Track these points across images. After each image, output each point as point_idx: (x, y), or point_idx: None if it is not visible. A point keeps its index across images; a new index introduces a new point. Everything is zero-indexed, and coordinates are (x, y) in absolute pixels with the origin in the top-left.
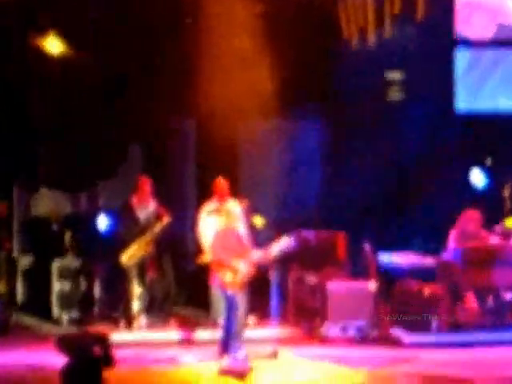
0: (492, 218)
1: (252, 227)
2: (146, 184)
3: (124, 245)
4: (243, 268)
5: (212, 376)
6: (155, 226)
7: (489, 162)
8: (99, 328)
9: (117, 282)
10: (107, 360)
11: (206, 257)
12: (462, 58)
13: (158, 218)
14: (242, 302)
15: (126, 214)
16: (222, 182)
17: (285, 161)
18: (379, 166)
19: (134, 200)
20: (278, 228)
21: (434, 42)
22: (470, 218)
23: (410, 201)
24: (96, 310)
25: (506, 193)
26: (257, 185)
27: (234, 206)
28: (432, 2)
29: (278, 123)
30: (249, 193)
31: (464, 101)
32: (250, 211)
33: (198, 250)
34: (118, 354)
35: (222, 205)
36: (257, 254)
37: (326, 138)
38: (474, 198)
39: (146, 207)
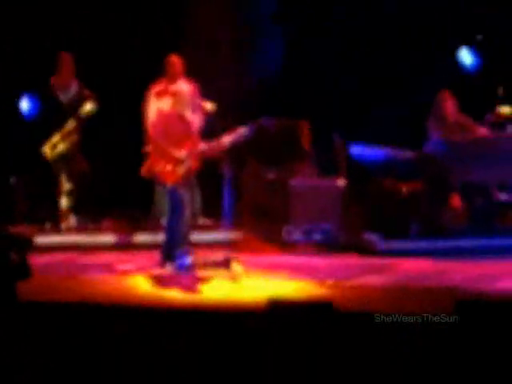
0: (483, 105)
1: (202, 113)
2: (68, 62)
3: (46, 133)
4: (186, 158)
5: (152, 287)
6: (79, 110)
7: (479, 38)
8: (20, 229)
9: (42, 177)
10: (23, 271)
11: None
12: None
13: (83, 100)
14: (188, 199)
15: (45, 96)
16: (175, 60)
17: (240, 32)
18: (352, 38)
19: (55, 81)
20: (231, 114)
21: None
22: (443, 99)
23: (387, 84)
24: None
25: (500, 75)
26: (207, 63)
27: (185, 88)
28: None
29: None
30: (198, 72)
31: None
32: (200, 94)
33: (142, 137)
34: (43, 259)
35: (171, 86)
36: (205, 145)
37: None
38: (461, 81)
39: (68, 88)
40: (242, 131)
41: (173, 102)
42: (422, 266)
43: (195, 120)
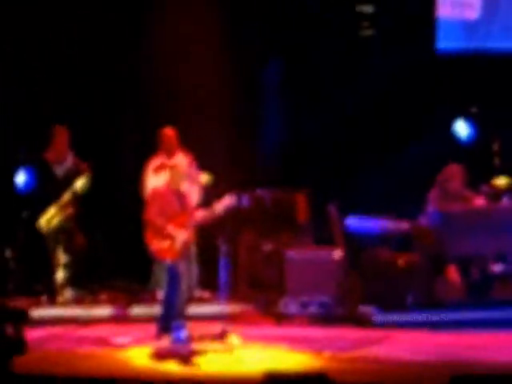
0: (478, 176)
1: (199, 185)
2: (63, 135)
3: (42, 207)
4: (181, 235)
5: (148, 360)
6: (75, 182)
7: (474, 110)
8: (16, 302)
9: (38, 250)
10: (18, 345)
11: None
12: None
13: (78, 173)
14: (185, 273)
15: (41, 170)
16: (169, 133)
17: (237, 107)
18: (348, 112)
19: (50, 154)
20: (228, 186)
21: None
22: (453, 175)
23: (384, 156)
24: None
25: (495, 146)
26: (204, 136)
27: (182, 161)
28: None
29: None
30: (195, 145)
31: (446, 39)
32: (197, 167)
33: (139, 210)
34: (38, 332)
35: (169, 160)
36: (199, 215)
37: (287, 79)
38: (457, 152)
39: (63, 162)
40: (232, 198)
41: (169, 177)
42: (419, 339)
43: (192, 192)
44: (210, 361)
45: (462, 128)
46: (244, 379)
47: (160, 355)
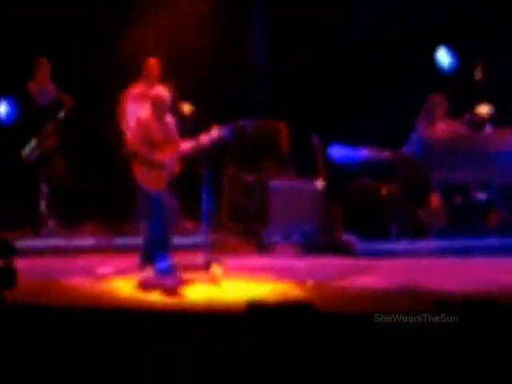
0: (461, 105)
1: (180, 115)
2: (44, 67)
3: (24, 137)
4: (169, 163)
5: (133, 290)
6: (57, 112)
7: (458, 38)
8: (1, 234)
9: (20, 181)
10: (9, 275)
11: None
12: None
13: (60, 104)
14: (170, 203)
15: (23, 101)
16: (152, 62)
17: (217, 31)
18: (330, 41)
19: (31, 86)
20: (209, 116)
21: None
22: (436, 104)
23: (367, 85)
24: None
25: (478, 75)
26: (183, 63)
27: (163, 92)
28: None
29: None
30: (174, 74)
31: None
32: (178, 96)
33: (120, 140)
34: (23, 263)
35: (150, 89)
36: (184, 146)
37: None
38: (440, 81)
39: (45, 93)
40: (220, 131)
41: (152, 107)
42: (402, 267)
43: (174, 123)
44: (194, 291)
45: (444, 57)
46: (227, 309)
47: (145, 286)
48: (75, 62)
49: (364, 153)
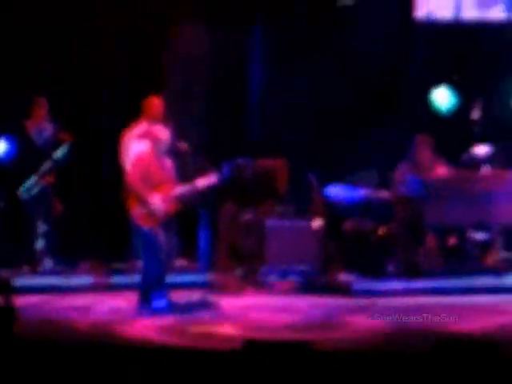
0: (459, 145)
1: (178, 154)
2: (42, 106)
3: (22, 176)
4: (160, 203)
5: (129, 327)
6: (55, 151)
7: (456, 78)
8: None
9: (17, 219)
10: (10, 311)
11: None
12: None
13: (58, 142)
14: (164, 241)
15: (21, 140)
16: (156, 102)
17: (218, 73)
18: (329, 82)
19: (30, 124)
20: (208, 155)
21: None
22: (419, 145)
23: (364, 125)
24: None
25: (475, 115)
26: (183, 103)
27: (164, 132)
28: None
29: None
30: (173, 113)
31: (426, 7)
32: (176, 135)
33: (120, 179)
34: (20, 301)
35: (152, 128)
36: (180, 189)
37: (267, 47)
38: (438, 121)
39: (43, 131)
40: (217, 175)
41: (153, 146)
42: (399, 306)
43: (171, 162)
44: (190, 329)
45: (442, 96)
46: (224, 347)
47: (141, 324)
48: (76, 99)
49: (362, 192)
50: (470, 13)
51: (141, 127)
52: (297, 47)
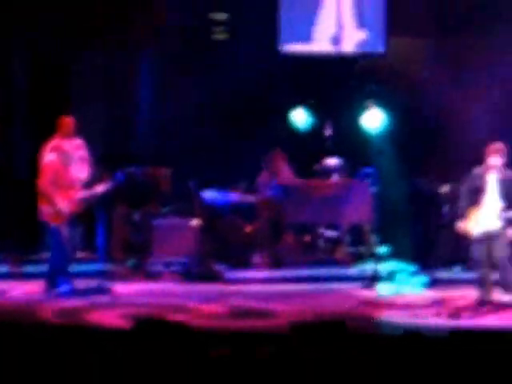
0: (313, 157)
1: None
2: None
3: None
4: (66, 204)
5: (40, 310)
6: None
7: (311, 102)
8: None
9: None
10: None
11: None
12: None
13: None
14: (68, 236)
15: None
16: (68, 121)
17: (111, 96)
18: (205, 105)
19: None
20: (105, 164)
21: None
22: (274, 158)
23: (236, 139)
24: None
25: (327, 132)
26: (86, 120)
27: (73, 146)
28: None
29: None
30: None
31: (287, 41)
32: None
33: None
34: None
35: (63, 143)
36: (83, 193)
37: (152, 74)
38: (297, 137)
39: None
40: (112, 182)
41: (60, 157)
42: (261, 291)
43: (81, 171)
44: (92, 310)
45: (300, 117)
46: (116, 326)
47: (49, 306)
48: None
49: (233, 196)
50: (325, 47)
51: (53, 142)
52: (178, 73)
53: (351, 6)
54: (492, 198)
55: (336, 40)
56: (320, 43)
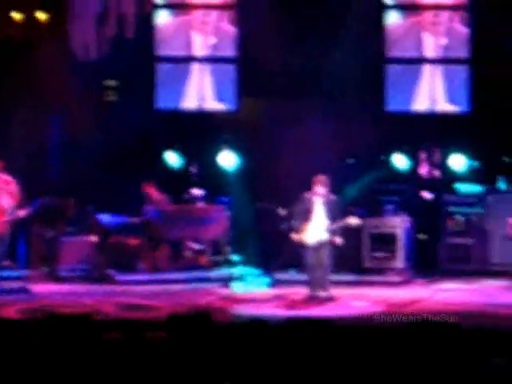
0: (183, 188)
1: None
2: None
3: None
4: None
5: None
6: None
7: (180, 147)
8: None
9: None
10: None
11: None
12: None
13: None
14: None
15: None
16: None
17: (31, 143)
18: (101, 150)
19: None
20: (25, 194)
21: (138, 58)
22: (150, 188)
23: (124, 175)
24: None
25: (193, 169)
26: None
27: (1, 179)
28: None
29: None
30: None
31: (165, 100)
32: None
33: None
34: None
35: None
36: (8, 216)
37: (59, 128)
38: (170, 174)
39: None
40: (31, 207)
41: None
42: (144, 291)
43: (6, 200)
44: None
45: (172, 158)
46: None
47: None
48: None
49: (121, 218)
50: (192, 105)
51: None
52: (80, 129)
53: (210, 80)
54: (319, 216)
55: (201, 100)
56: (188, 103)
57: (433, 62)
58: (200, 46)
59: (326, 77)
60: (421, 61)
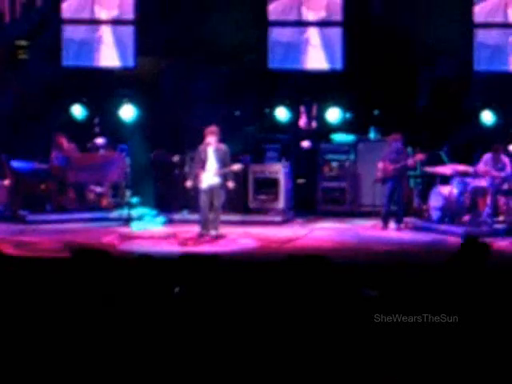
0: (88, 138)
1: None
2: None
3: None
4: None
5: None
6: None
7: (85, 100)
8: None
9: None
10: None
11: None
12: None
13: None
14: None
15: None
16: None
17: None
18: (14, 105)
19: None
20: None
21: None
22: (61, 139)
23: (34, 125)
24: None
25: (96, 121)
26: None
27: None
28: None
29: None
30: None
31: (71, 59)
32: None
33: None
34: None
35: None
36: None
37: None
38: (76, 124)
39: None
40: None
41: None
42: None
43: None
44: None
45: (78, 110)
46: None
47: None
48: None
49: (34, 164)
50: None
51: None
52: None
53: (112, 41)
54: (210, 163)
55: (104, 59)
56: (92, 61)
57: (312, 25)
58: (104, 11)
59: (219, 39)
60: (302, 23)
